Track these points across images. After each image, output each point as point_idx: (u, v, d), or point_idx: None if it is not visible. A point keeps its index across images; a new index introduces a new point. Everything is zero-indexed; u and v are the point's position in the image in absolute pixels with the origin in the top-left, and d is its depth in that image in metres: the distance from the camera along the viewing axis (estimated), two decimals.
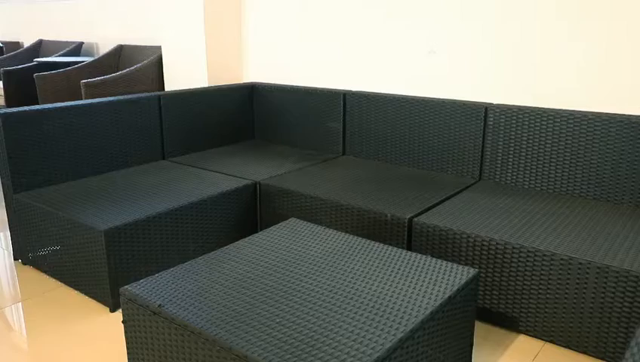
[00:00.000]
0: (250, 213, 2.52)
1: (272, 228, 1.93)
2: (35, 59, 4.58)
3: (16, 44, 5.95)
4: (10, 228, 2.39)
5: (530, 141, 2.35)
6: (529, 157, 2.36)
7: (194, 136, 3.02)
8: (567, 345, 1.78)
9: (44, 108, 2.36)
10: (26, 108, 2.31)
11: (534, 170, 2.36)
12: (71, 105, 2.45)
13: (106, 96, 2.88)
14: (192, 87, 3.16)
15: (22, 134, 2.28)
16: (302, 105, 3.08)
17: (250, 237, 1.85)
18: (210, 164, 2.80)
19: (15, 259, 2.45)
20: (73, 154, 2.48)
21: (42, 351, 1.79)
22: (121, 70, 4.14)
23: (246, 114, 3.30)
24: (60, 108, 2.41)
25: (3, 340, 1.84)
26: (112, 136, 2.63)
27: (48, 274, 2.29)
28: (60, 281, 2.24)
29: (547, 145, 2.31)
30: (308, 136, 3.09)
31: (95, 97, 3.28)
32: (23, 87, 4.53)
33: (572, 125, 2.24)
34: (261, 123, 3.32)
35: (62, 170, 2.45)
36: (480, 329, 1.92)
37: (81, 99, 2.63)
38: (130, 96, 2.70)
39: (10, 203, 2.34)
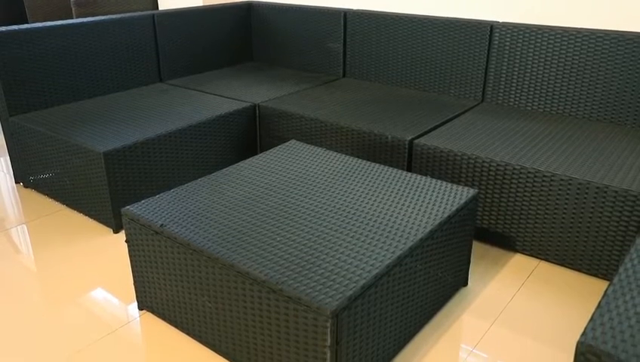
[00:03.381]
0: (249, 135, 2.50)
1: (271, 150, 1.92)
2: None
3: None
4: (8, 152, 2.38)
5: (536, 61, 2.28)
6: (533, 78, 2.31)
7: (190, 57, 2.94)
8: (562, 263, 1.82)
9: (35, 28, 2.28)
10: (15, 27, 2.23)
11: (538, 92, 2.31)
12: (62, 25, 2.37)
13: (97, 16, 2.78)
14: (186, 6, 3.04)
15: (13, 54, 2.22)
16: (301, 25, 2.97)
17: (250, 159, 1.85)
18: (208, 86, 2.75)
19: (16, 182, 2.46)
20: (68, 76, 2.43)
21: (49, 270, 1.83)
22: None
23: (244, 34, 3.20)
24: (51, 27, 2.33)
25: (10, 260, 1.89)
26: (107, 57, 2.56)
27: (50, 197, 2.31)
28: (63, 203, 2.26)
29: (552, 66, 2.25)
30: (308, 57, 3.01)
31: (87, 17, 3.16)
32: (10, 6, 4.37)
33: (579, 44, 2.17)
34: (259, 44, 3.22)
35: (57, 92, 2.41)
36: (477, 248, 1.96)
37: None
38: (123, 15, 2.60)
39: (6, 126, 2.31)
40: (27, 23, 4.14)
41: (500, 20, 2.44)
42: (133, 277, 1.59)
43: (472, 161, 1.88)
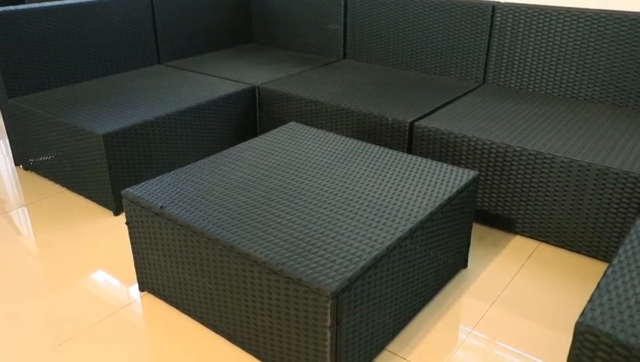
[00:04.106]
0: (249, 117, 2.49)
1: (271, 131, 1.91)
2: None
3: None
4: (8, 134, 2.37)
5: (538, 42, 2.26)
6: (535, 59, 2.29)
7: (189, 39, 2.92)
8: (562, 245, 1.82)
9: (32, 8, 2.25)
10: (12, 7, 2.21)
11: (540, 73, 2.30)
12: (60, 5, 2.34)
13: None
14: None
15: (10, 36, 2.20)
16: (301, 6, 2.94)
17: (250, 140, 1.84)
18: (207, 68, 2.73)
19: (16, 164, 2.46)
20: (66, 58, 2.41)
21: (50, 252, 1.84)
22: None
23: (243, 15, 3.17)
24: (48, 8, 2.31)
25: (10, 242, 1.89)
26: (105, 39, 2.54)
27: (50, 180, 2.30)
28: (63, 186, 2.26)
29: (555, 47, 2.23)
30: (308, 39, 2.99)
31: None
32: None
33: (582, 25, 2.15)
34: (259, 25, 3.19)
35: (56, 74, 2.39)
36: (477, 230, 1.96)
37: None
38: None
39: (4, 108, 2.30)
40: (24, 3, 4.09)
41: (502, 0, 2.42)
42: (134, 258, 1.59)
43: (473, 143, 1.88)
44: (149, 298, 1.61)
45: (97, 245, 1.87)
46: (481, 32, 2.39)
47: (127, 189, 1.51)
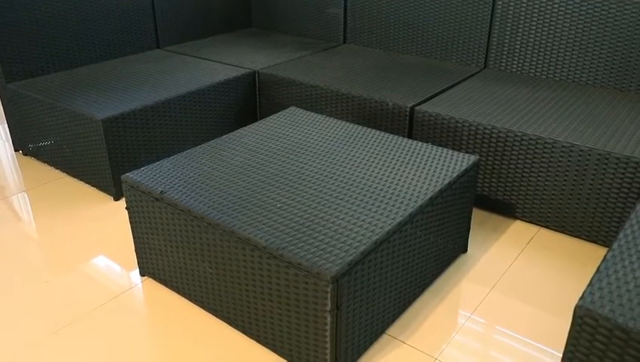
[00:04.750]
0: (249, 102, 2.48)
1: (271, 116, 1.90)
2: None
3: None
4: (7, 120, 2.37)
5: (540, 26, 2.24)
6: (537, 43, 2.27)
7: (189, 24, 2.89)
8: (562, 230, 1.83)
9: None
10: None
11: (542, 58, 2.28)
12: None
13: None
14: None
15: (8, 20, 2.18)
16: None
17: (250, 125, 1.83)
18: (207, 52, 2.71)
19: (15, 150, 2.45)
20: (65, 42, 2.39)
21: (50, 237, 1.84)
22: None
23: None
24: None
25: (11, 227, 1.89)
26: (104, 23, 2.51)
27: (50, 165, 2.30)
28: (63, 171, 2.25)
29: (557, 31, 2.21)
30: (308, 23, 2.96)
31: None
32: None
33: (585, 9, 2.13)
34: (258, 9, 3.16)
35: (54, 59, 2.37)
36: (478, 215, 1.96)
37: None
38: None
39: (3, 93, 2.29)
40: None
41: None
42: (135, 243, 1.60)
43: (474, 127, 1.87)
44: (150, 283, 1.62)
45: (98, 230, 1.88)
46: (483, 16, 2.37)
47: (127, 174, 1.51)
